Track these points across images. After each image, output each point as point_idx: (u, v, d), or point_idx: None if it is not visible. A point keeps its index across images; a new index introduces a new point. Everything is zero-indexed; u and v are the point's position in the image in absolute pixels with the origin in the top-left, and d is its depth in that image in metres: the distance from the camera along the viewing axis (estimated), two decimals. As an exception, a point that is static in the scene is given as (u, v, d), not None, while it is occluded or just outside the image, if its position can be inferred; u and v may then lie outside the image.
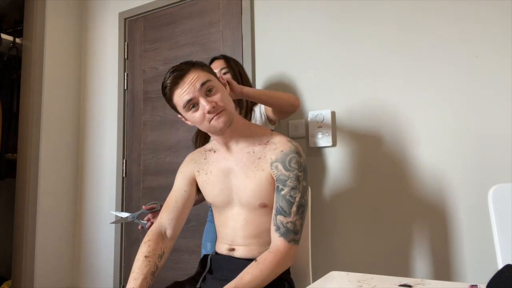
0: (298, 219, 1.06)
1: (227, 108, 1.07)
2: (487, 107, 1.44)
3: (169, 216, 1.19)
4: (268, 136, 1.15)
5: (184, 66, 1.07)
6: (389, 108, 1.60)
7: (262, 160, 1.10)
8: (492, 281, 0.67)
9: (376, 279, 0.83)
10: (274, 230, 1.06)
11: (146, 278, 1.05)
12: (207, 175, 1.19)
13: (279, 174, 1.07)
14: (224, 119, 1.06)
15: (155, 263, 1.10)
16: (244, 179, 1.12)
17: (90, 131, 2.50)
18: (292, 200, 1.05)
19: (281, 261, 1.02)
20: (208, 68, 1.12)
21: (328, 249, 1.67)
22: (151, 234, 1.16)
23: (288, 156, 1.08)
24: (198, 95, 1.05)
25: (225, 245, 1.17)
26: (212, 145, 1.25)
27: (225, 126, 1.07)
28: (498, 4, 1.44)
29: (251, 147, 1.14)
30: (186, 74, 1.05)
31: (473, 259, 1.42)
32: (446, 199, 1.48)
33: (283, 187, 1.06)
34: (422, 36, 1.56)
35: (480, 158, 1.44)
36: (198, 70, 1.07)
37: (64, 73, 2.49)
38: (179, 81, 1.05)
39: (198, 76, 1.05)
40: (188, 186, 1.22)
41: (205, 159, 1.22)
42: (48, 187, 2.34)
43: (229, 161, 1.16)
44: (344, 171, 1.66)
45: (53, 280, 2.33)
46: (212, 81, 1.07)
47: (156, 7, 2.24)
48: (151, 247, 1.12)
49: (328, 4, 1.76)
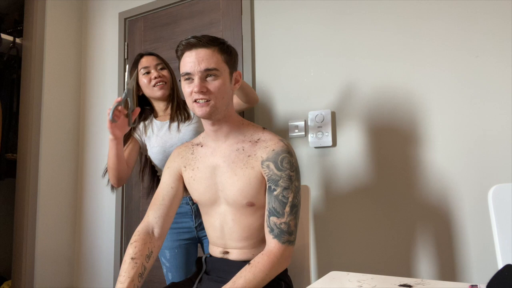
0: (292, 219, 1.04)
1: (216, 101, 1.05)
2: (487, 107, 1.44)
3: (156, 215, 1.16)
4: (259, 134, 1.13)
5: (206, 40, 1.05)
6: (389, 108, 1.60)
7: (251, 158, 1.08)
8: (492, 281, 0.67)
9: (376, 279, 0.83)
10: (268, 231, 1.05)
11: (133, 280, 1.02)
12: (193, 171, 1.16)
13: (271, 173, 1.05)
14: (206, 109, 1.05)
15: (143, 264, 1.07)
16: (231, 176, 1.09)
17: (90, 131, 2.50)
18: (285, 201, 1.04)
19: (275, 263, 1.01)
20: (228, 56, 1.09)
21: (328, 249, 1.67)
22: (138, 234, 1.13)
23: (280, 155, 1.06)
24: (196, 73, 1.04)
25: (218, 249, 1.16)
26: (201, 139, 1.22)
27: (204, 116, 1.06)
28: (498, 4, 1.44)
29: (241, 144, 1.11)
30: (202, 48, 1.04)
31: (473, 259, 1.42)
32: (446, 199, 1.48)
33: (275, 187, 1.04)
34: (422, 36, 1.56)
35: (480, 158, 1.44)
36: (216, 53, 1.05)
37: (64, 73, 2.49)
38: (192, 49, 1.05)
39: (209, 58, 1.04)
40: (175, 182, 1.19)
41: (192, 153, 1.20)
42: (48, 187, 2.34)
43: (216, 157, 1.13)
44: (344, 171, 1.67)
45: (53, 280, 2.33)
46: (218, 71, 1.05)
47: (156, 7, 2.24)
48: (137, 248, 1.09)
49: (328, 4, 1.76)
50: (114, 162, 1.35)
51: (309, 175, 1.73)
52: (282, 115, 1.83)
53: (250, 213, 1.10)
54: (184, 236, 1.48)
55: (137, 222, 2.22)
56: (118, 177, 1.40)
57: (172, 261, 1.47)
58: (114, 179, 1.40)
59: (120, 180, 1.41)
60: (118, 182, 1.42)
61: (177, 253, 1.47)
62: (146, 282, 2.09)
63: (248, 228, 1.11)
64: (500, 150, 1.41)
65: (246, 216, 1.10)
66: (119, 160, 1.35)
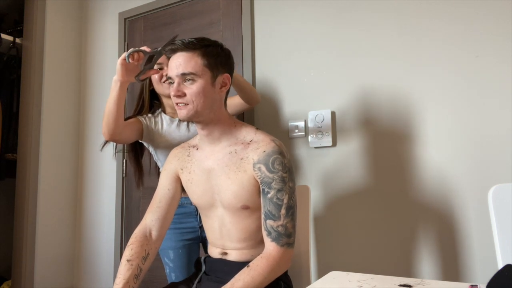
0: (289, 221, 1.03)
1: (193, 105, 1.05)
2: (487, 107, 1.44)
3: (153, 217, 1.17)
4: (251, 135, 1.12)
5: (187, 44, 1.06)
6: (389, 108, 1.60)
7: (244, 161, 1.07)
8: (492, 281, 0.67)
9: (376, 279, 0.83)
10: (265, 235, 1.04)
11: (128, 282, 1.04)
12: (190, 174, 1.17)
13: (263, 176, 1.04)
14: (184, 112, 1.06)
15: (138, 265, 1.08)
16: (225, 180, 1.09)
17: (90, 131, 2.50)
18: (280, 203, 1.03)
19: (274, 266, 1.00)
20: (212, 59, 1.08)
21: (328, 249, 1.67)
22: (135, 236, 1.14)
23: (271, 157, 1.05)
24: (175, 77, 1.06)
25: (217, 249, 1.16)
26: (197, 141, 1.22)
27: (183, 118, 1.07)
28: (498, 4, 1.44)
29: (233, 147, 1.11)
30: (182, 51, 1.06)
31: (473, 259, 1.42)
32: (446, 199, 1.48)
33: (268, 189, 1.04)
34: (422, 36, 1.56)
35: (480, 158, 1.44)
36: (195, 56, 1.05)
37: (64, 73, 2.48)
38: (174, 53, 1.07)
39: (186, 62, 1.04)
40: (173, 184, 1.20)
41: (188, 156, 1.20)
42: (48, 187, 2.34)
43: (210, 161, 1.13)
44: (344, 171, 1.66)
45: (53, 280, 2.33)
46: (195, 75, 1.05)
47: (156, 7, 2.24)
48: (133, 250, 1.10)
49: (328, 4, 1.76)
50: (110, 107, 1.25)
51: (309, 175, 1.73)
52: (282, 115, 1.83)
53: (246, 215, 1.10)
54: (188, 236, 1.49)
55: (137, 222, 2.22)
56: (110, 127, 1.29)
57: (176, 261, 1.47)
58: (105, 127, 1.29)
59: (111, 132, 1.29)
60: (108, 132, 1.29)
61: (181, 253, 1.47)
62: (147, 282, 2.09)
63: (245, 230, 1.11)
64: (500, 150, 1.41)
65: (243, 218, 1.10)
66: (117, 107, 1.25)
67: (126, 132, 1.38)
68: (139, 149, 1.57)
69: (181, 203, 1.47)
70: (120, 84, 1.22)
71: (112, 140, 1.33)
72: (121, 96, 1.24)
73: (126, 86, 1.24)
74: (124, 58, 1.17)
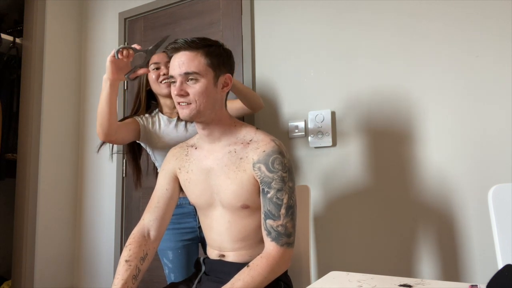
0: (289, 221, 1.03)
1: (196, 104, 1.05)
2: (487, 107, 1.44)
3: (151, 217, 1.17)
4: (251, 134, 1.12)
5: (189, 43, 1.05)
6: (389, 108, 1.60)
7: (243, 161, 1.07)
8: (492, 281, 0.67)
9: (376, 279, 0.83)
10: (265, 234, 1.04)
11: (127, 282, 1.03)
12: (188, 174, 1.16)
13: (263, 176, 1.04)
14: (187, 111, 1.06)
15: (137, 266, 1.08)
16: (225, 179, 1.09)
17: (90, 131, 2.50)
18: (280, 203, 1.03)
19: (274, 266, 1.00)
20: (215, 59, 1.07)
21: (328, 249, 1.67)
22: (133, 237, 1.14)
23: (271, 156, 1.05)
24: (177, 76, 1.05)
25: (214, 251, 1.16)
26: (195, 140, 1.21)
27: (185, 118, 1.07)
28: (498, 4, 1.44)
29: (233, 146, 1.11)
30: (184, 51, 1.05)
31: (473, 259, 1.42)
32: (446, 199, 1.48)
33: (268, 189, 1.04)
34: (422, 36, 1.56)
35: (480, 158, 1.44)
36: (199, 56, 1.05)
37: (64, 73, 2.48)
38: (176, 52, 1.06)
39: (190, 61, 1.04)
40: (171, 184, 1.20)
41: (186, 155, 1.19)
42: (48, 187, 2.34)
43: (209, 160, 1.13)
44: (344, 171, 1.66)
45: (53, 280, 2.33)
46: (198, 74, 1.04)
47: (156, 7, 2.24)
48: (132, 250, 1.10)
49: (328, 4, 1.76)
50: (102, 106, 1.23)
51: (309, 175, 1.73)
52: (282, 115, 1.83)
53: (246, 215, 1.10)
54: (187, 236, 1.48)
55: (137, 222, 2.20)
56: (103, 126, 1.26)
57: (175, 262, 1.47)
58: (99, 127, 1.27)
59: (105, 131, 1.27)
60: (102, 132, 1.27)
61: (180, 254, 1.47)
62: (146, 282, 2.09)
63: (244, 229, 1.11)
64: (500, 150, 1.41)
65: (242, 218, 1.10)
66: (109, 106, 1.23)
67: (122, 133, 1.36)
68: (137, 150, 1.57)
69: (179, 204, 1.46)
70: (110, 82, 1.19)
71: (107, 140, 1.32)
72: (112, 95, 1.22)
73: (116, 84, 1.22)
74: (113, 55, 1.15)
